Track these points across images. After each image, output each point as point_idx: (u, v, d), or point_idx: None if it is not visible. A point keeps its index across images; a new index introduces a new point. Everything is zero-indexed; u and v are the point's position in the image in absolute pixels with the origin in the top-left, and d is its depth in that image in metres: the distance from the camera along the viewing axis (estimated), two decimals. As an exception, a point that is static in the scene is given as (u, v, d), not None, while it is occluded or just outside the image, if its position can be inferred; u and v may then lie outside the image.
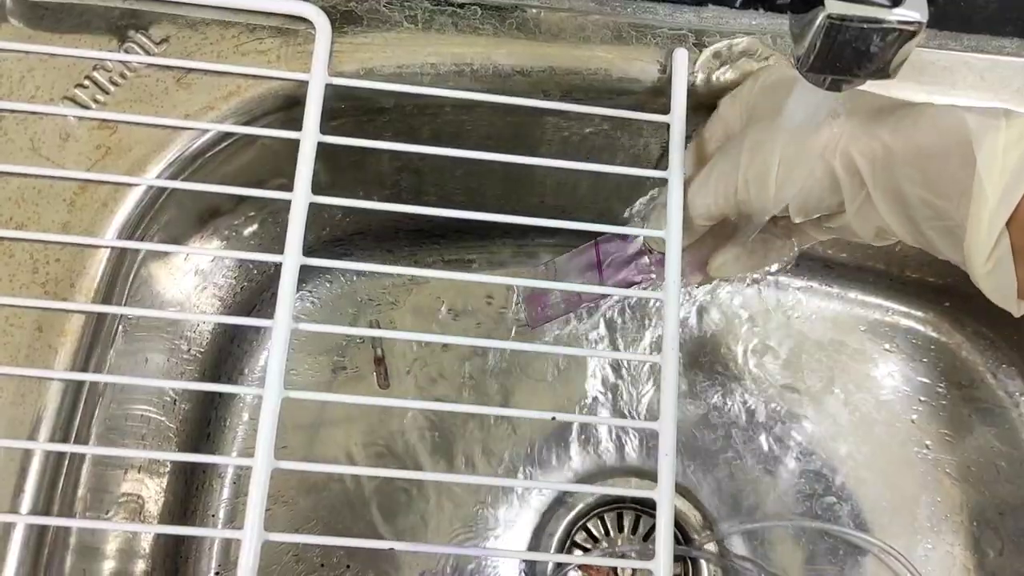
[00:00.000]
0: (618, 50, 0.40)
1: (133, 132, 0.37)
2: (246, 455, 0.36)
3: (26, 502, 0.33)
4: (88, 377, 0.36)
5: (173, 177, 0.37)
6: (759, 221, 0.35)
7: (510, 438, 0.53)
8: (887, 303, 0.58)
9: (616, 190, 0.51)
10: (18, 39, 0.37)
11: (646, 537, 0.52)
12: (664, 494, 0.35)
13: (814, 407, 0.55)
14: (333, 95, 0.38)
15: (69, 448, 0.35)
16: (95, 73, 0.37)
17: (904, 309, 0.58)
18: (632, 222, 0.44)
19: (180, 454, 0.47)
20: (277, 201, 0.36)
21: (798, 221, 0.34)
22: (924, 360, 0.57)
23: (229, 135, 0.38)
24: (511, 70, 0.40)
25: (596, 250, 0.44)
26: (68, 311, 0.35)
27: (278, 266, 0.36)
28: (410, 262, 0.55)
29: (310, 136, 0.37)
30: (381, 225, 0.54)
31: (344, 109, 0.40)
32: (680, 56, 0.39)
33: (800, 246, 0.38)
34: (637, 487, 0.52)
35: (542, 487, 0.53)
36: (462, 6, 0.40)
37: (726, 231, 0.39)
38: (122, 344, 0.40)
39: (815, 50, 0.27)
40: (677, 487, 0.38)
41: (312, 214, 0.36)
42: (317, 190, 0.36)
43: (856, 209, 0.31)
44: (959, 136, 0.28)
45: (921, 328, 0.58)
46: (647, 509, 0.53)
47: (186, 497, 0.49)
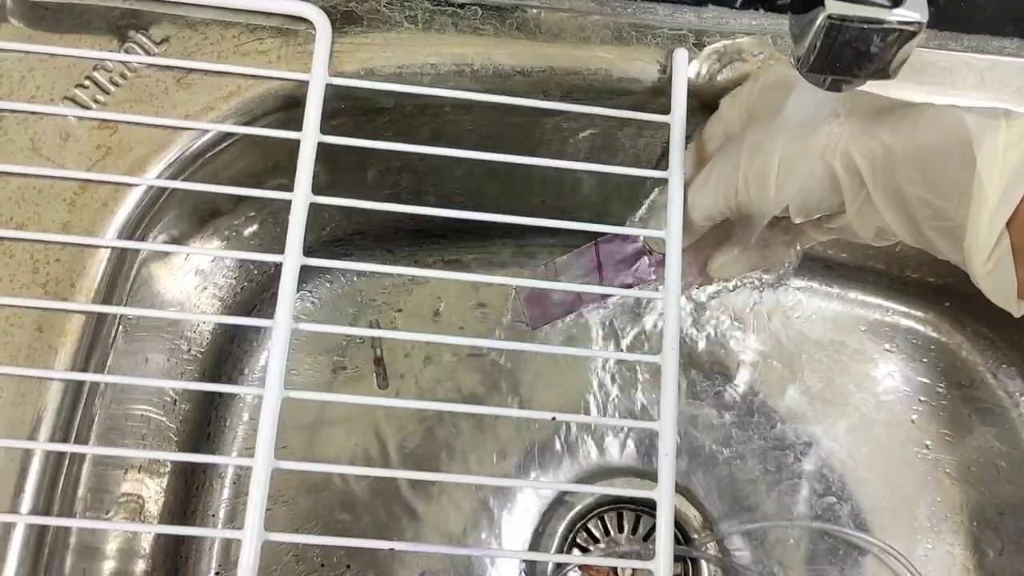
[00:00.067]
0: (618, 50, 0.40)
1: (133, 132, 0.37)
2: (246, 455, 0.36)
3: (26, 502, 0.33)
4: (88, 377, 0.36)
5: (173, 177, 0.37)
6: (759, 222, 0.35)
7: (510, 438, 0.53)
8: (887, 303, 0.58)
9: (616, 190, 0.51)
10: (18, 39, 0.37)
11: (646, 537, 0.52)
12: (664, 494, 0.35)
13: (814, 407, 0.55)
14: (333, 95, 0.38)
15: (69, 448, 0.35)
16: (95, 73, 0.37)
17: (904, 309, 0.58)
18: (634, 224, 0.44)
19: (180, 454, 0.47)
20: (277, 201, 0.36)
21: (798, 222, 0.34)
22: (924, 360, 0.57)
23: (229, 135, 0.38)
24: (511, 70, 0.40)
25: (596, 251, 0.44)
26: (68, 311, 0.35)
27: (278, 266, 0.36)
28: (410, 262, 0.55)
29: (310, 136, 0.37)
30: (381, 225, 0.54)
31: (344, 109, 0.40)
32: (680, 56, 0.39)
33: (801, 247, 0.38)
34: (637, 487, 0.52)
35: (542, 487, 0.53)
36: (462, 6, 0.40)
37: (726, 232, 0.39)
38: (122, 344, 0.40)
39: (815, 50, 0.27)
40: (677, 487, 0.38)
41: (312, 214, 0.36)
42: (317, 190, 0.36)
43: (856, 209, 0.31)
44: (959, 136, 0.28)
45: (921, 328, 0.58)
46: (647, 509, 0.53)
47: (186, 497, 0.49)
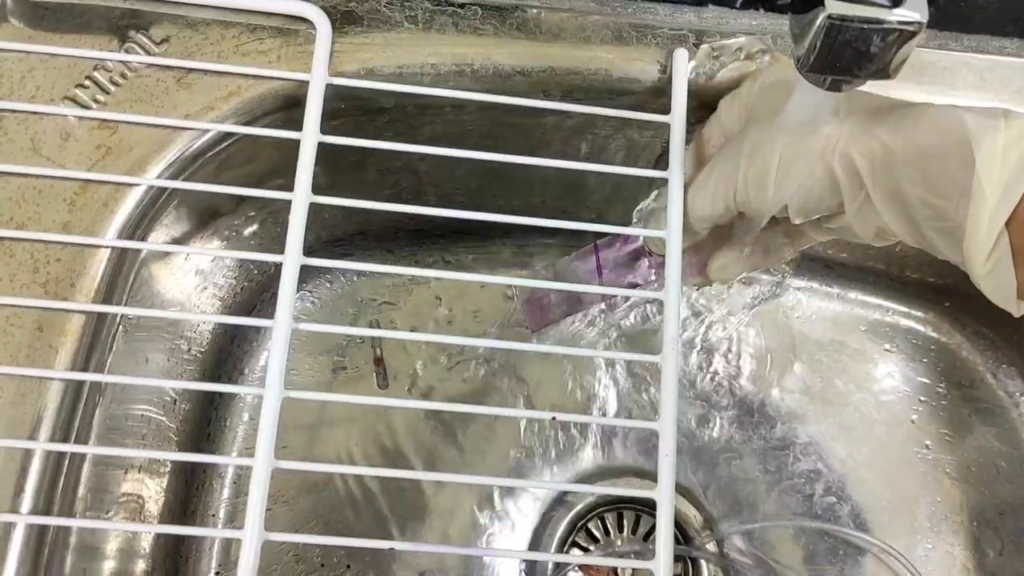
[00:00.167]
0: (618, 50, 0.40)
1: (133, 132, 0.37)
2: (246, 455, 0.36)
3: (26, 502, 0.33)
4: (88, 377, 0.36)
5: (173, 177, 0.37)
6: (758, 222, 0.35)
7: (510, 438, 0.53)
8: (887, 303, 0.58)
9: (616, 190, 0.51)
10: (19, 39, 0.37)
11: (646, 537, 0.52)
12: (664, 494, 0.35)
13: (814, 407, 0.55)
14: (333, 95, 0.38)
15: (69, 448, 0.35)
16: (96, 73, 0.37)
17: (904, 309, 0.58)
18: (639, 214, 0.44)
19: (180, 454, 0.47)
20: (277, 201, 0.36)
21: (798, 222, 0.34)
22: (924, 360, 0.57)
23: (229, 135, 0.38)
24: (511, 70, 0.40)
25: (596, 254, 0.44)
26: (68, 311, 0.35)
27: (278, 266, 0.36)
28: (410, 262, 0.55)
29: (310, 136, 0.37)
30: (381, 225, 0.54)
31: (344, 109, 0.40)
32: (680, 56, 0.39)
33: (800, 248, 0.38)
34: (637, 487, 0.52)
35: (542, 487, 0.53)
36: (462, 6, 0.40)
37: (726, 233, 0.39)
38: (122, 344, 0.40)
39: (815, 50, 0.27)
40: (677, 487, 0.38)
41: (312, 214, 0.36)
42: (317, 190, 0.36)
43: (856, 210, 0.31)
44: (958, 136, 0.28)
45: (921, 328, 0.58)
46: (647, 509, 0.53)
47: (186, 497, 0.49)
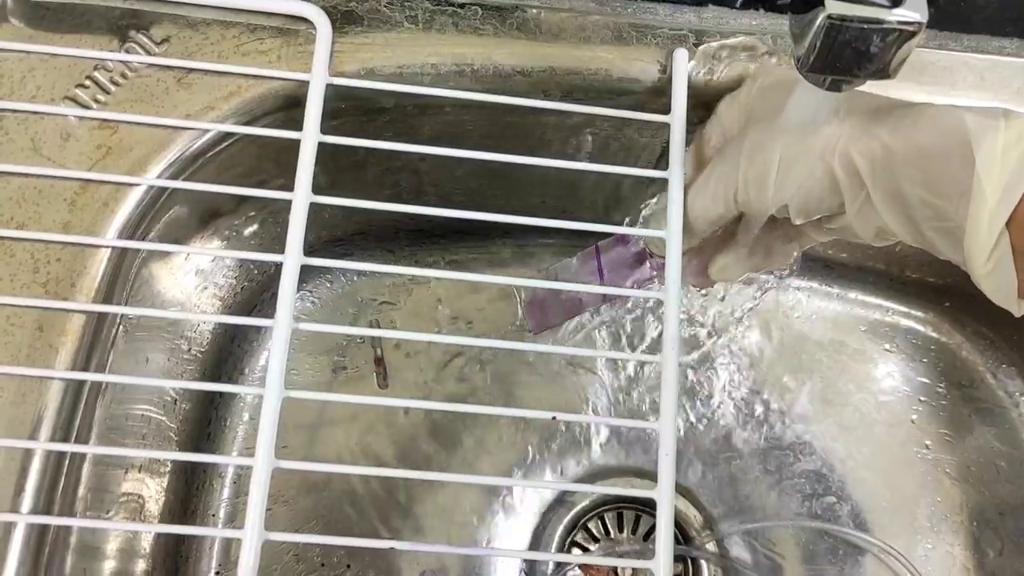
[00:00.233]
0: (618, 50, 0.40)
1: (134, 132, 0.37)
2: (247, 455, 0.36)
3: (27, 501, 0.33)
4: (89, 377, 0.36)
5: (174, 177, 0.37)
6: (758, 222, 0.35)
7: (510, 438, 0.53)
8: (887, 303, 0.58)
9: (616, 190, 0.51)
10: (19, 39, 0.37)
11: (646, 537, 0.52)
12: (664, 494, 0.35)
13: (814, 407, 0.55)
14: (334, 95, 0.38)
15: (70, 448, 0.35)
16: (96, 73, 0.37)
17: (904, 309, 0.58)
18: (643, 215, 0.44)
19: (181, 454, 0.47)
20: (278, 201, 0.36)
21: (798, 222, 0.34)
22: (924, 360, 0.57)
23: (230, 135, 0.38)
24: (511, 70, 0.40)
25: (597, 256, 0.44)
26: (69, 311, 0.35)
27: (278, 266, 0.36)
28: (410, 262, 0.55)
29: (311, 136, 0.37)
30: (381, 225, 0.54)
31: (345, 109, 0.40)
32: (680, 56, 0.39)
33: (801, 248, 0.38)
34: (637, 487, 0.52)
35: (542, 487, 0.53)
36: (463, 6, 0.40)
37: (727, 234, 0.39)
38: (123, 344, 0.40)
39: (815, 50, 0.27)
40: (677, 487, 0.38)
41: (312, 214, 0.36)
42: (318, 190, 0.36)
43: (856, 210, 0.31)
44: (958, 136, 0.28)
45: (921, 328, 0.58)
46: (647, 509, 0.53)
47: (187, 497, 0.49)
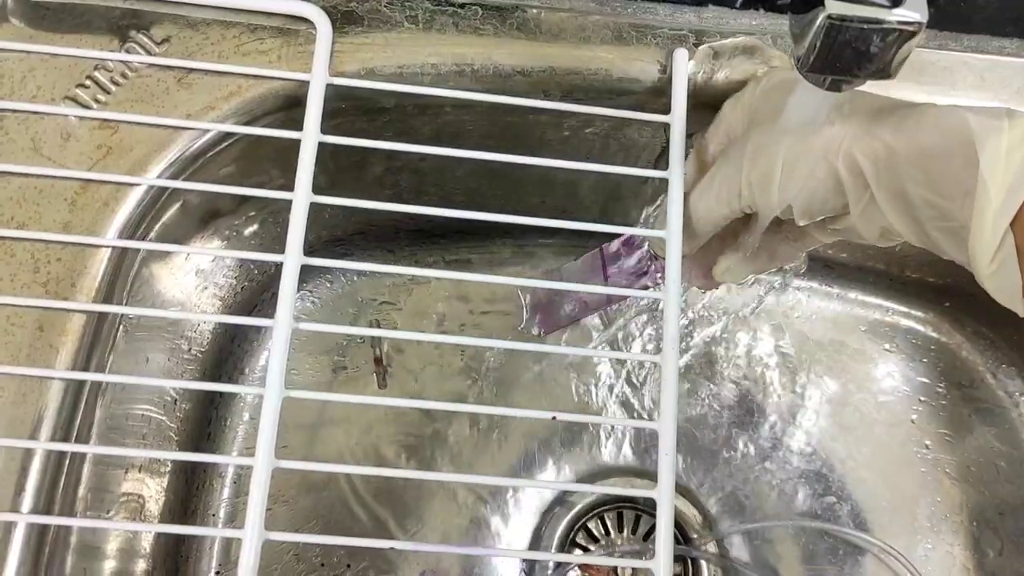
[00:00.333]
0: (618, 50, 0.40)
1: (134, 132, 0.37)
2: (247, 454, 0.36)
3: (27, 501, 0.33)
4: (89, 376, 0.36)
5: (174, 177, 0.37)
6: (763, 224, 0.35)
7: (510, 438, 0.53)
8: (887, 303, 0.58)
9: (616, 190, 0.51)
10: (19, 39, 0.37)
11: (646, 537, 0.52)
12: (664, 494, 0.35)
13: (814, 407, 0.55)
14: (334, 95, 0.38)
15: (70, 447, 0.35)
16: (96, 73, 0.37)
17: (904, 309, 0.58)
18: (646, 219, 0.44)
19: (181, 453, 0.47)
20: (278, 201, 0.36)
21: (802, 223, 0.34)
22: (924, 360, 0.57)
23: (230, 135, 0.38)
24: (511, 70, 0.40)
25: (601, 257, 0.44)
26: (69, 311, 0.35)
27: (279, 266, 0.36)
28: (410, 262, 0.55)
29: (311, 136, 0.37)
30: (381, 225, 0.54)
31: (345, 109, 0.40)
32: (680, 56, 0.39)
33: (805, 249, 0.38)
34: (637, 487, 0.52)
35: (542, 487, 0.53)
36: (463, 6, 0.40)
37: (731, 235, 0.39)
38: (123, 344, 0.40)
39: (815, 50, 0.27)
40: (677, 487, 0.38)
41: (313, 214, 0.36)
42: (318, 190, 0.36)
43: (860, 210, 0.31)
44: (962, 136, 0.28)
45: (921, 328, 0.58)
46: (647, 509, 0.53)
47: (187, 496, 0.49)
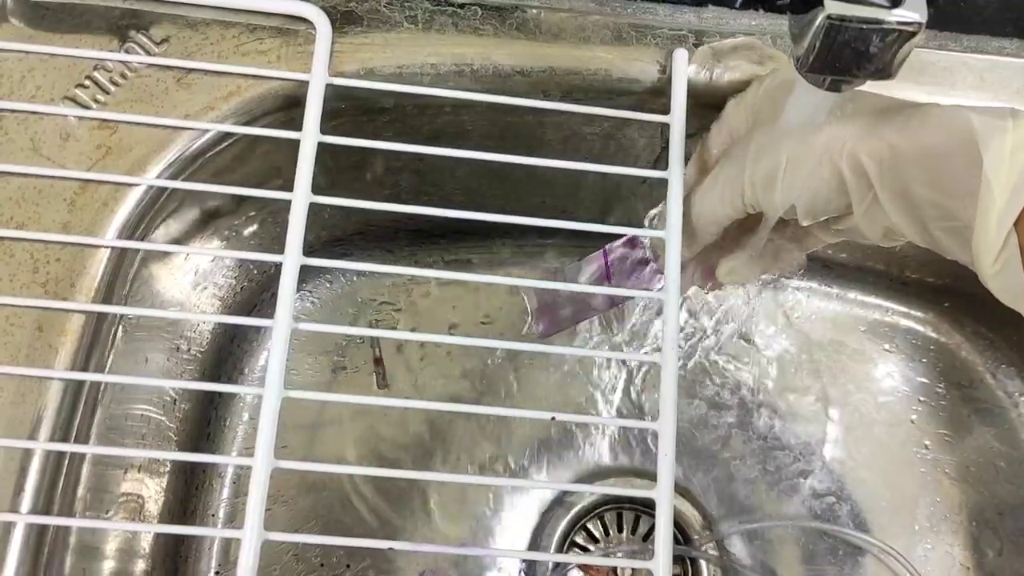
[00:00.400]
0: (618, 50, 0.40)
1: (133, 132, 0.37)
2: (246, 455, 0.36)
3: (26, 501, 0.33)
4: (88, 377, 0.36)
5: (173, 177, 0.37)
6: (769, 223, 0.35)
7: (510, 438, 0.53)
8: (887, 303, 0.58)
9: (616, 190, 0.51)
10: (19, 39, 0.37)
11: (646, 537, 0.52)
12: (663, 494, 0.35)
13: (813, 407, 0.55)
14: (333, 95, 0.38)
15: (69, 448, 0.35)
16: (95, 73, 0.37)
17: (904, 309, 0.58)
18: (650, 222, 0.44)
19: (180, 454, 0.47)
20: (277, 201, 0.36)
21: (806, 223, 0.34)
22: (923, 360, 0.57)
23: (229, 135, 0.38)
24: (511, 70, 0.40)
25: (605, 258, 0.44)
26: (68, 311, 0.35)
27: (278, 266, 0.36)
28: (410, 262, 0.55)
29: (310, 136, 0.37)
30: (381, 225, 0.54)
31: (344, 109, 0.40)
32: (680, 56, 0.39)
33: (808, 250, 0.38)
34: (636, 487, 0.52)
35: (542, 487, 0.53)
36: (462, 6, 0.40)
37: (734, 236, 0.39)
38: (122, 344, 0.40)
39: (814, 50, 0.27)
40: (677, 487, 0.38)
41: (312, 214, 0.36)
42: (317, 190, 0.36)
43: (864, 210, 0.31)
44: (965, 136, 0.28)
45: (920, 328, 0.58)
46: (647, 509, 0.53)
47: (186, 497, 0.49)
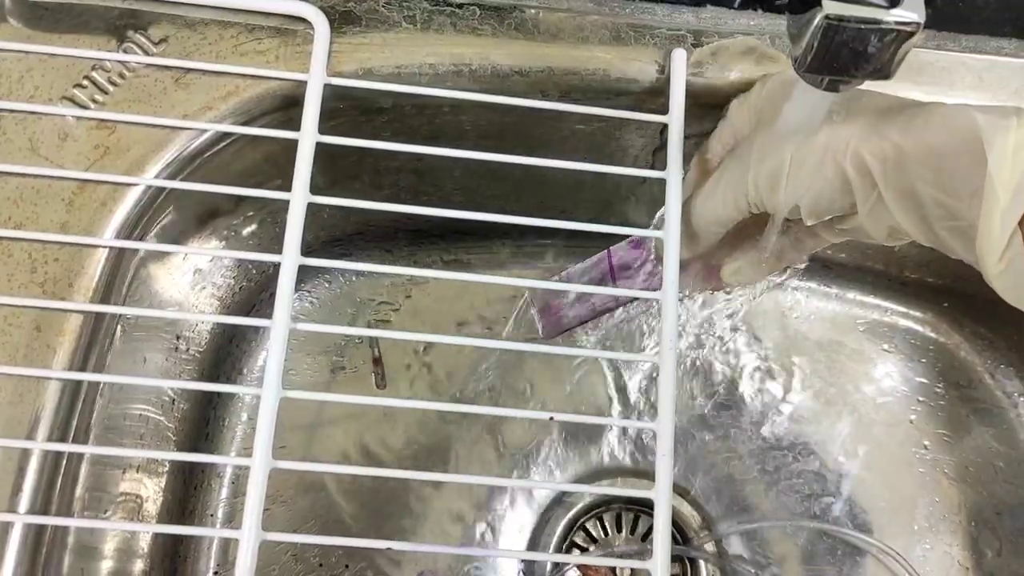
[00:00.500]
0: (616, 50, 0.40)
1: (132, 132, 0.37)
2: (245, 455, 0.36)
3: (24, 501, 0.33)
4: (86, 377, 0.36)
5: (172, 177, 0.37)
6: (777, 223, 0.35)
7: (509, 438, 0.53)
8: (886, 303, 0.58)
9: (615, 190, 0.51)
10: (17, 39, 0.37)
11: (645, 537, 0.52)
12: (661, 494, 0.35)
13: (812, 407, 0.55)
14: (331, 95, 0.38)
15: (67, 448, 0.35)
16: (94, 73, 0.37)
17: (903, 309, 0.58)
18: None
19: (178, 454, 0.47)
20: (276, 201, 0.36)
21: (810, 223, 0.34)
22: (923, 360, 0.57)
23: (228, 135, 0.38)
24: (509, 70, 0.40)
25: (609, 259, 0.44)
26: (66, 311, 0.35)
27: (277, 266, 0.36)
28: (409, 262, 0.55)
29: (308, 136, 0.37)
30: (380, 225, 0.54)
31: (343, 109, 0.40)
32: (678, 56, 0.39)
33: (812, 250, 0.38)
34: (635, 487, 0.52)
35: (541, 487, 0.53)
36: (460, 6, 0.40)
37: (738, 237, 0.38)
38: (120, 344, 0.40)
39: (812, 51, 0.27)
40: (675, 487, 0.38)
41: (311, 214, 0.36)
42: (316, 190, 0.36)
43: (868, 210, 0.31)
44: (969, 135, 0.28)
45: (919, 328, 0.58)
46: (645, 509, 0.53)
47: (184, 497, 0.49)
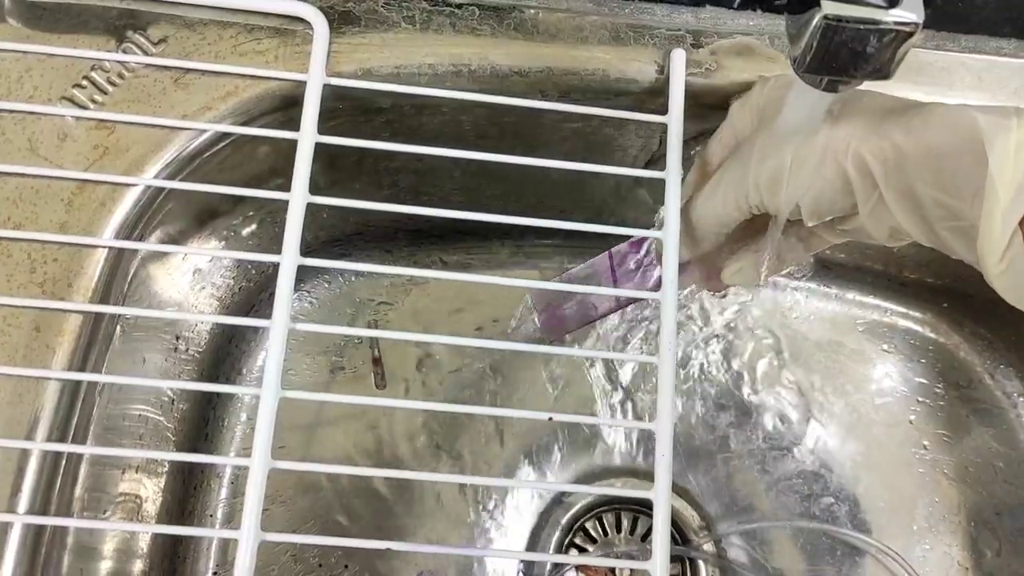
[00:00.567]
0: (616, 51, 0.40)
1: (131, 132, 0.37)
2: (244, 455, 0.36)
3: (23, 502, 0.33)
4: (86, 377, 0.36)
5: (171, 177, 0.37)
6: (780, 224, 0.35)
7: (508, 438, 0.53)
8: (885, 304, 0.58)
9: (615, 190, 0.51)
10: (16, 39, 0.37)
11: (644, 537, 0.52)
12: (661, 494, 0.35)
13: (812, 408, 0.55)
14: (331, 95, 0.38)
15: (67, 448, 0.35)
16: (93, 73, 0.37)
17: (902, 310, 0.58)
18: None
19: (178, 454, 0.47)
20: (275, 201, 0.36)
21: (811, 224, 0.34)
22: (922, 361, 0.57)
23: (227, 135, 0.38)
24: (509, 70, 0.40)
25: (610, 261, 0.44)
26: (66, 311, 0.35)
27: (276, 266, 0.36)
28: (409, 263, 0.55)
29: (308, 136, 0.37)
30: (379, 225, 0.54)
31: (342, 109, 0.40)
32: (678, 57, 0.39)
33: (814, 250, 0.38)
34: (634, 487, 0.52)
35: (541, 487, 0.53)
36: (460, 7, 0.40)
37: (739, 238, 0.38)
38: (120, 344, 0.40)
39: (811, 51, 0.27)
40: (675, 487, 0.38)
41: (310, 214, 0.36)
42: (315, 190, 0.36)
43: (869, 210, 0.31)
44: (970, 135, 0.28)
45: (919, 329, 0.58)
46: (645, 509, 0.53)
47: (184, 497, 0.49)
